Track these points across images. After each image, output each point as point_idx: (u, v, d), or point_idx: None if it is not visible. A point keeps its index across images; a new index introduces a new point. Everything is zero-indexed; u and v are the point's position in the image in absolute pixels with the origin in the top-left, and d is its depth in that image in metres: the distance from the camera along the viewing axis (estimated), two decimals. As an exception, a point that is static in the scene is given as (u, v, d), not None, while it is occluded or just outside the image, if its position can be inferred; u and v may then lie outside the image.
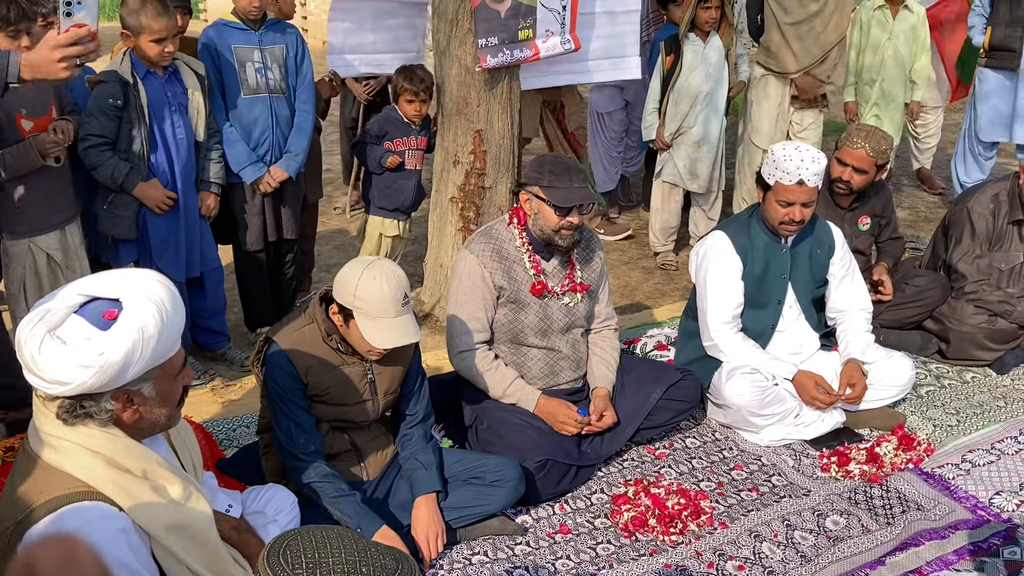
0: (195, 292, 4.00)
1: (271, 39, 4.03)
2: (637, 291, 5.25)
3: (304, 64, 4.15)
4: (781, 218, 3.48)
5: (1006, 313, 4.14)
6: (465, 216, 4.43)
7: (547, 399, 3.25)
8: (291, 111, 4.15)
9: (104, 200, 3.65)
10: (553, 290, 3.29)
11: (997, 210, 4.22)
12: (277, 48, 4.04)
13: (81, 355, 1.70)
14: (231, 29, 3.97)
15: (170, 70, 3.68)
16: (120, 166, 3.56)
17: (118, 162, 3.57)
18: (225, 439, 3.46)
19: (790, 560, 2.91)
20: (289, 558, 1.24)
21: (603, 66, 4.84)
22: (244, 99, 3.99)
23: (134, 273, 1.86)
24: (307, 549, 1.26)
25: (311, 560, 1.24)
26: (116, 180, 3.57)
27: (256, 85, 4.00)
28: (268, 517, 2.49)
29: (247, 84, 3.98)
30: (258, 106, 4.03)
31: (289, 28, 4.16)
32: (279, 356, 2.71)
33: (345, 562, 1.24)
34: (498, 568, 2.83)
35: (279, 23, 4.12)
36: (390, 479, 2.99)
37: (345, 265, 2.67)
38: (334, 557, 1.25)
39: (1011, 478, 3.35)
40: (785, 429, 3.54)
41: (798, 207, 3.44)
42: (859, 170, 4.06)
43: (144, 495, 1.81)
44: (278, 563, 1.23)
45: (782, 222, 3.49)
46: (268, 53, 4.01)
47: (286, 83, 4.09)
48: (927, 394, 3.97)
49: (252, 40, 3.99)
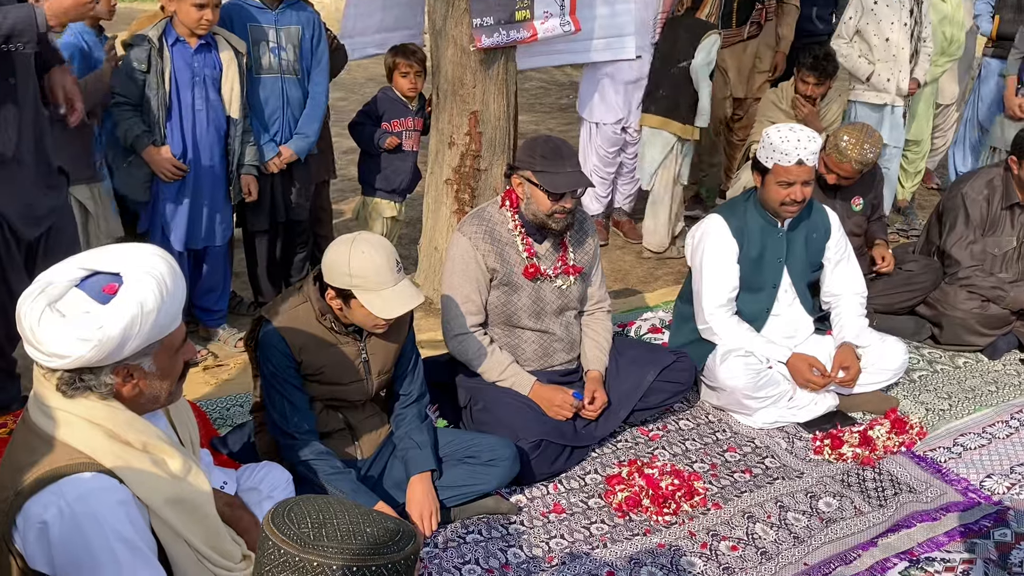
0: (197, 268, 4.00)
1: (288, 19, 4.00)
2: (630, 275, 5.26)
3: (320, 47, 4.10)
4: (783, 199, 3.48)
5: (998, 299, 4.16)
6: (460, 198, 4.43)
7: (541, 386, 3.26)
8: (303, 93, 4.12)
9: (124, 159, 3.73)
10: (546, 273, 3.29)
11: (991, 196, 4.24)
12: (293, 29, 4.00)
13: (80, 329, 1.70)
14: (248, 7, 3.93)
15: (203, 41, 3.67)
16: (134, 127, 3.63)
17: (135, 123, 3.63)
18: (219, 418, 3.46)
19: (783, 541, 2.93)
20: (295, 517, 1.25)
21: (600, 46, 4.82)
22: (256, 79, 3.96)
23: (136, 248, 1.85)
24: (311, 512, 1.27)
25: (316, 520, 1.25)
26: (127, 140, 3.66)
27: (269, 65, 3.98)
28: (263, 494, 2.49)
29: (260, 64, 3.96)
30: (269, 86, 4.00)
31: (307, 9, 4.10)
32: (272, 335, 2.70)
33: (349, 522, 1.26)
34: (492, 547, 2.84)
35: (298, 3, 4.06)
36: (384, 458, 2.99)
37: (328, 249, 2.65)
38: (338, 518, 1.26)
39: (1002, 461, 3.38)
40: (778, 412, 3.56)
41: (799, 186, 3.44)
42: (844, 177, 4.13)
43: (144, 468, 1.80)
44: (283, 523, 1.24)
45: (783, 203, 3.49)
46: (284, 33, 3.98)
47: (300, 64, 4.05)
48: (920, 378, 4.00)
49: (269, 20, 3.95)
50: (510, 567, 2.76)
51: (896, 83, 5.22)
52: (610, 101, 5.20)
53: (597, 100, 5.22)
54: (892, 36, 5.12)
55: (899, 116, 5.37)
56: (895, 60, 5.18)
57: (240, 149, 3.87)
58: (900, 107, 5.34)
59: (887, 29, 5.13)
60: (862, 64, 5.25)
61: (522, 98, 7.82)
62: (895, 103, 5.30)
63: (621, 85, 5.15)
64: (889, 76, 5.21)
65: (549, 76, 10.44)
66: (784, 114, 5.18)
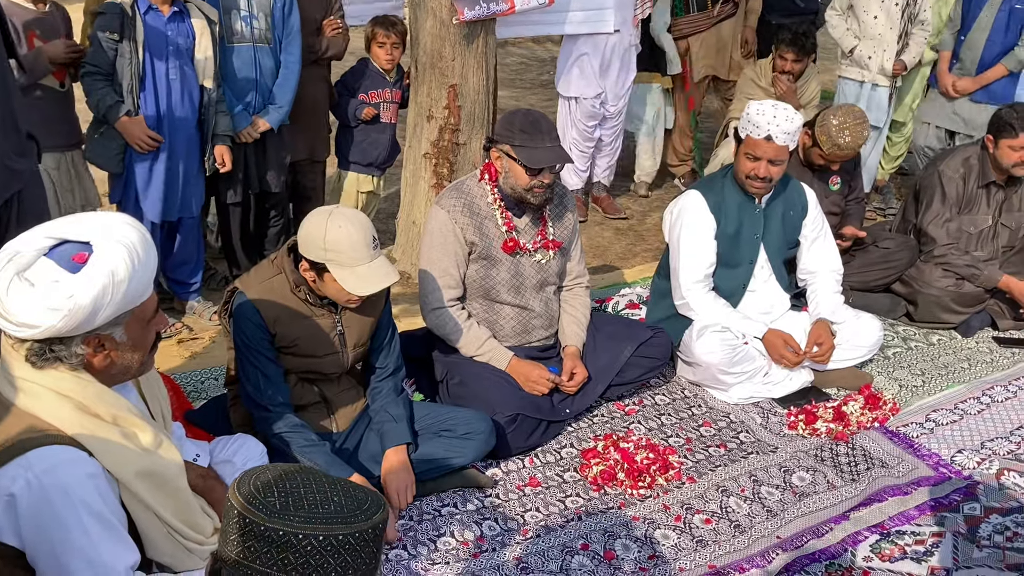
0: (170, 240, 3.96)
1: None
2: (608, 251, 5.26)
3: (292, 15, 4.04)
4: (748, 172, 3.48)
5: (973, 277, 4.19)
6: (439, 172, 4.40)
7: (519, 361, 3.25)
8: (276, 62, 4.06)
9: (96, 130, 3.67)
10: (525, 247, 3.27)
11: (967, 174, 4.26)
12: None
13: (50, 298, 1.67)
14: None
15: (176, 9, 3.61)
16: (106, 97, 3.57)
17: (106, 93, 3.57)
18: (193, 391, 3.44)
19: (756, 515, 2.95)
20: (260, 486, 1.24)
21: (577, 18, 4.79)
22: (228, 47, 3.90)
23: (106, 216, 1.83)
24: (277, 481, 1.25)
25: (282, 489, 1.23)
26: (100, 110, 3.60)
27: (241, 34, 3.92)
28: (236, 466, 2.47)
29: (232, 32, 3.90)
30: (242, 55, 3.95)
31: None
32: (246, 306, 2.67)
33: (316, 491, 1.25)
34: (467, 519, 2.85)
35: None
36: (360, 431, 2.98)
37: (305, 220, 2.62)
38: (305, 487, 1.25)
39: (972, 437, 3.41)
40: (754, 387, 3.58)
41: (764, 163, 3.44)
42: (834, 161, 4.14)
43: (114, 441, 1.79)
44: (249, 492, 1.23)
45: (748, 176, 3.49)
46: (255, 1, 3.92)
47: (272, 33, 4.00)
48: (894, 355, 4.03)
49: None
50: (485, 539, 2.76)
51: (880, 62, 5.21)
52: (588, 75, 5.18)
53: (575, 75, 5.20)
54: (880, 15, 5.12)
55: (882, 96, 5.36)
56: (880, 39, 5.17)
57: (213, 119, 3.82)
58: (884, 87, 5.32)
59: (875, 7, 5.12)
60: (848, 37, 5.26)
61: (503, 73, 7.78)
62: (877, 82, 5.30)
63: (598, 59, 5.13)
64: (871, 54, 5.21)
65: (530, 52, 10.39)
66: (763, 91, 5.18)
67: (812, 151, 4.11)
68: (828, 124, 3.97)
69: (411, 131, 4.48)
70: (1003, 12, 5.02)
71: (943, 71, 5.34)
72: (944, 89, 5.32)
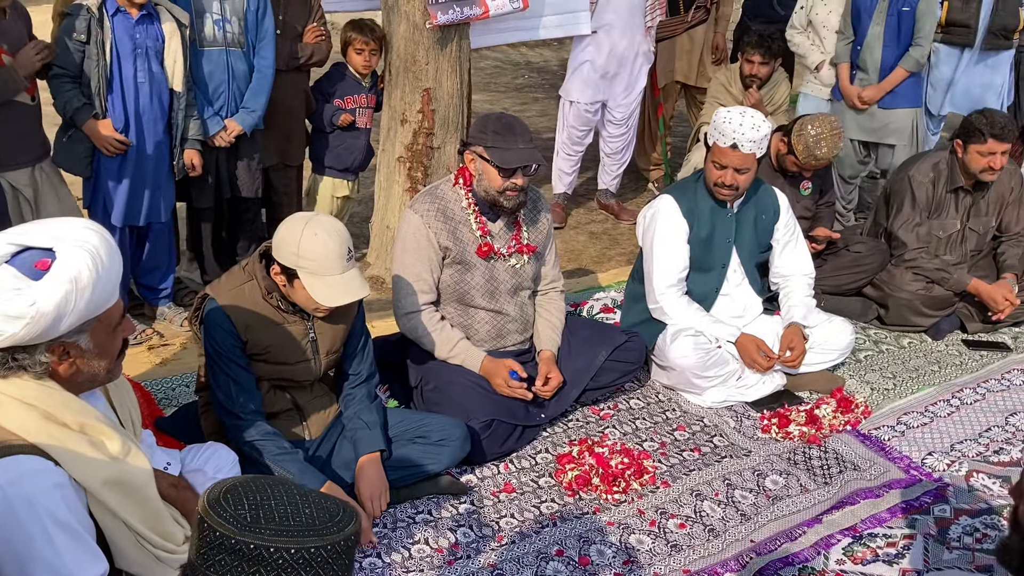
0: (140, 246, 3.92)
1: None
2: (583, 255, 5.26)
3: (265, 19, 4.00)
4: (715, 180, 3.51)
5: (942, 280, 4.23)
6: (413, 176, 4.38)
7: (491, 360, 3.24)
8: (249, 66, 4.02)
9: (64, 134, 3.63)
10: (500, 251, 3.27)
11: (937, 179, 4.29)
12: (237, 0, 3.91)
13: (11, 306, 1.64)
14: None
15: (145, 12, 3.57)
16: (73, 100, 3.53)
17: (74, 95, 3.53)
18: (164, 398, 3.40)
19: (730, 518, 2.96)
20: (231, 500, 1.22)
21: (552, 23, 4.80)
22: (200, 51, 3.86)
23: (68, 222, 1.79)
24: (248, 493, 1.24)
25: (253, 501, 1.22)
26: (67, 113, 3.56)
27: (213, 37, 3.88)
28: (207, 475, 2.44)
29: (204, 35, 3.85)
30: (214, 59, 3.90)
31: None
32: (217, 313, 2.64)
33: (287, 503, 1.23)
34: (442, 526, 2.83)
35: None
36: (333, 438, 2.96)
37: (282, 223, 2.60)
38: (276, 499, 1.23)
39: (943, 439, 3.44)
40: (727, 391, 3.59)
41: (730, 171, 3.46)
42: None
43: (81, 450, 1.76)
44: (219, 504, 1.21)
45: (716, 183, 3.51)
46: (228, 5, 3.87)
47: (245, 37, 3.95)
48: (865, 359, 4.06)
49: None
50: (459, 546, 2.75)
51: None
52: (588, 81, 5.25)
53: (576, 80, 5.30)
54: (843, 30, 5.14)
55: None
56: None
57: (183, 123, 3.79)
58: None
59: (835, 21, 5.15)
60: (814, 52, 5.28)
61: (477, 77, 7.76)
62: None
63: (600, 66, 5.19)
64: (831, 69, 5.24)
65: (504, 55, 10.38)
66: (732, 97, 5.20)
67: (787, 158, 4.14)
68: (806, 134, 3.99)
69: (385, 135, 4.46)
70: (892, 17, 4.99)
71: (845, 84, 5.21)
72: (851, 102, 5.20)
